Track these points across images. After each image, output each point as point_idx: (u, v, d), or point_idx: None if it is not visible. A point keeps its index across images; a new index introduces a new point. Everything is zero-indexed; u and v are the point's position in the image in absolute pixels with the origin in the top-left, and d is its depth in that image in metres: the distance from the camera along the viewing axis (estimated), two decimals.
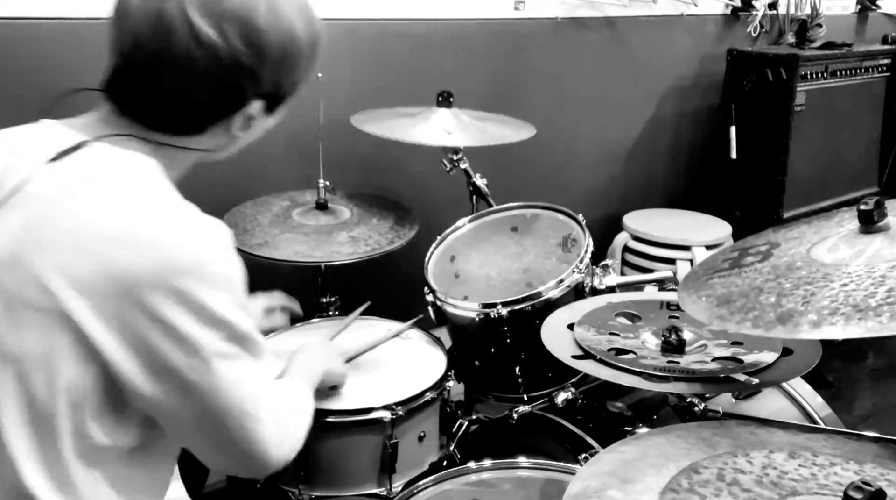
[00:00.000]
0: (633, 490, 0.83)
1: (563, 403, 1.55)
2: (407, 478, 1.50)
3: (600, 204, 3.06)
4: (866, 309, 0.82)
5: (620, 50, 2.95)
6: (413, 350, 1.72)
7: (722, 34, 3.26)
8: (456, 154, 2.01)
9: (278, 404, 0.99)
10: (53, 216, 0.85)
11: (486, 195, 2.02)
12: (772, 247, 1.07)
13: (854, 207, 0.99)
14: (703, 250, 2.69)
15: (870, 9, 3.84)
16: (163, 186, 0.92)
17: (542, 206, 1.88)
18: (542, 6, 2.67)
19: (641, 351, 1.27)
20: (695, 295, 1.03)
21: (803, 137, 2.97)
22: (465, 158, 2.02)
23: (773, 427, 0.99)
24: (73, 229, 0.84)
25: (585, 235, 1.73)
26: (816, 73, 2.99)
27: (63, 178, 0.88)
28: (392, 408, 1.46)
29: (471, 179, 2.03)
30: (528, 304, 1.59)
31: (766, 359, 1.19)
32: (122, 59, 0.93)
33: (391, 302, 1.93)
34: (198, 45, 0.88)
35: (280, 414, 0.99)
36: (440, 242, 1.86)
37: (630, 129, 3.14)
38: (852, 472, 0.87)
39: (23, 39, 1.79)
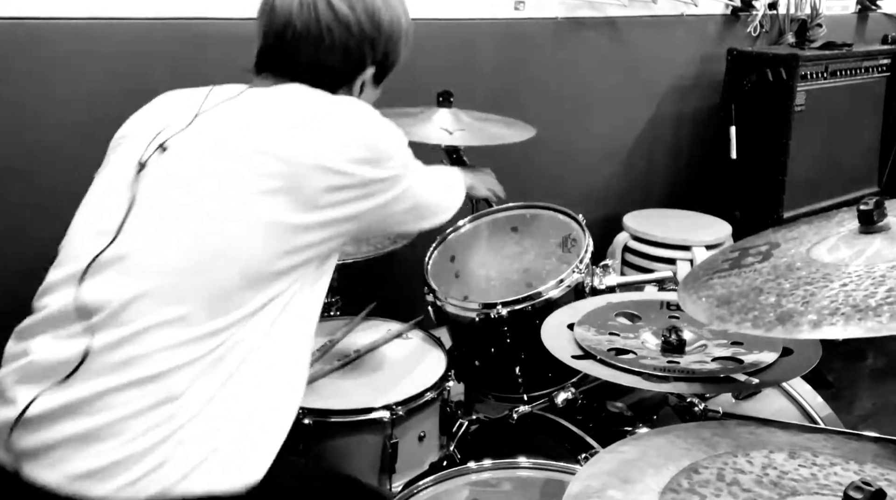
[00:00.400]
0: (633, 490, 0.83)
1: (563, 403, 1.55)
2: (407, 478, 1.50)
3: (600, 204, 3.06)
4: (866, 309, 0.82)
5: (620, 50, 2.95)
6: (413, 350, 1.72)
7: (722, 34, 3.26)
8: (456, 154, 2.01)
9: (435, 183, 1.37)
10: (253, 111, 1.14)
11: (486, 195, 2.02)
12: (772, 247, 1.07)
13: (854, 207, 0.99)
14: (703, 250, 2.69)
15: (870, 9, 3.84)
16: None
17: (542, 206, 1.88)
18: (542, 6, 2.67)
19: (641, 351, 1.27)
20: (695, 295, 1.03)
21: (803, 137, 2.97)
22: (466, 159, 2.02)
23: (773, 427, 0.99)
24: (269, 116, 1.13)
25: (585, 235, 1.73)
26: (816, 73, 2.99)
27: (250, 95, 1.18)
28: (392, 408, 1.47)
29: None
30: (528, 304, 1.59)
31: (766, 359, 1.19)
32: (272, 39, 1.21)
33: (391, 302, 1.93)
34: (336, 19, 1.19)
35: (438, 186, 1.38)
36: (440, 242, 1.86)
37: (630, 129, 3.14)
38: (852, 472, 0.87)
39: (23, 39, 1.79)
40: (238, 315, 1.05)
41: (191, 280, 1.04)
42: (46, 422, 1.00)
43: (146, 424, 1.00)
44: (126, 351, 1.01)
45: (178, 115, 1.16)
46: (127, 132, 1.23)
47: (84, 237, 1.12)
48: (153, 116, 1.22)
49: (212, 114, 1.15)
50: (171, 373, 1.01)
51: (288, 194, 1.07)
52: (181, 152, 1.12)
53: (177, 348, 1.02)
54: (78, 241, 1.13)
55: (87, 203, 1.18)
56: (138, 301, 1.02)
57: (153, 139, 1.14)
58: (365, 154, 1.12)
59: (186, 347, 1.02)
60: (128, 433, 0.99)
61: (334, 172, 1.09)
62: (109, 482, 0.98)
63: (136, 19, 1.90)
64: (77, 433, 0.99)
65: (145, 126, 1.19)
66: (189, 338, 1.03)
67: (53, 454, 0.99)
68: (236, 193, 1.06)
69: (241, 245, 1.05)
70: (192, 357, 1.02)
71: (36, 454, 1.00)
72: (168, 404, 1.01)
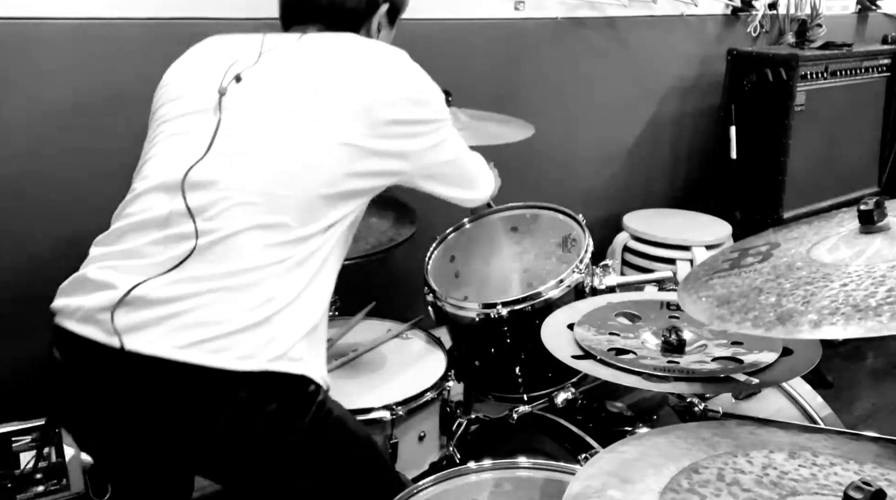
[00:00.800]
0: (633, 490, 0.83)
1: (563, 403, 1.55)
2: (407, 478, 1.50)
3: (600, 204, 3.06)
4: (866, 309, 0.82)
5: (620, 50, 2.95)
6: (413, 350, 1.72)
7: (722, 34, 3.26)
8: None
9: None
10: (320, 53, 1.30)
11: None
12: (772, 247, 1.07)
13: (854, 207, 0.99)
14: (703, 250, 2.69)
15: (870, 9, 3.84)
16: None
17: (542, 206, 1.88)
18: (542, 6, 2.67)
19: (641, 351, 1.26)
20: (695, 295, 1.03)
21: (803, 137, 2.97)
22: None
23: (773, 427, 0.99)
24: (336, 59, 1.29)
25: (585, 235, 1.73)
26: (816, 74, 2.99)
27: (311, 38, 1.32)
28: (392, 408, 1.47)
29: None
30: (528, 304, 1.59)
31: (766, 359, 1.19)
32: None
33: (391, 302, 1.93)
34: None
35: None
36: (440, 242, 1.86)
37: (630, 129, 3.14)
38: (852, 472, 0.86)
39: (23, 39, 1.79)
40: (316, 228, 1.20)
41: (282, 190, 1.17)
42: (149, 304, 1.11)
43: (244, 311, 1.12)
44: (225, 250, 1.14)
45: (244, 52, 1.30)
46: (177, 75, 1.36)
47: (173, 154, 1.23)
48: (214, 53, 1.35)
49: (278, 52, 1.29)
50: (265, 270, 1.14)
51: (356, 119, 1.22)
52: (258, 82, 1.26)
53: (270, 249, 1.15)
54: (165, 158, 1.24)
55: (163, 132, 1.28)
56: (235, 207, 1.15)
57: (227, 71, 1.27)
58: (412, 95, 1.29)
59: (277, 249, 1.16)
60: (228, 317, 1.11)
61: (390, 105, 1.25)
62: (215, 355, 1.09)
63: (137, 19, 1.90)
64: (180, 311, 1.10)
65: (210, 61, 1.33)
66: (280, 241, 1.17)
67: (158, 328, 1.10)
68: (316, 116, 1.21)
69: (321, 162, 1.20)
70: (282, 258, 1.16)
71: (141, 328, 1.10)
72: (262, 299, 1.14)
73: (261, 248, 1.15)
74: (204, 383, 1.10)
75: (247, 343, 1.11)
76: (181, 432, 1.14)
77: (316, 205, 1.20)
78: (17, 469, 1.64)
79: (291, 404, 1.17)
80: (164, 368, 1.09)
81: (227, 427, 1.13)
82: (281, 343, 1.14)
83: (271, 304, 1.14)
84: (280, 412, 1.15)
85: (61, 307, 1.18)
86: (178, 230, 1.15)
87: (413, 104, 1.29)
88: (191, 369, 1.09)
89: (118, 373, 1.11)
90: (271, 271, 1.15)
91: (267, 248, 1.16)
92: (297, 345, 1.16)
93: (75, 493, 1.67)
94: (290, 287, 1.17)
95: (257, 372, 1.11)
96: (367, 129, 1.23)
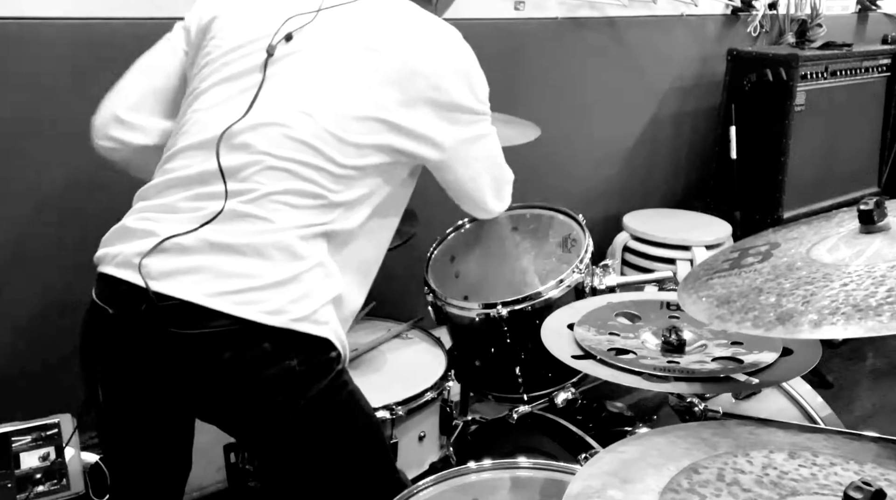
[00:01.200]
0: (633, 490, 0.83)
1: (563, 403, 1.55)
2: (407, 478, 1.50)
3: (600, 204, 3.06)
4: (866, 309, 0.82)
5: (620, 50, 2.95)
6: (413, 350, 1.72)
7: (722, 34, 3.26)
8: None
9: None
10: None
11: None
12: (772, 247, 1.07)
13: (854, 207, 0.99)
14: (703, 249, 2.69)
15: (870, 9, 3.84)
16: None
17: (541, 206, 1.88)
18: (542, 6, 2.67)
19: (641, 351, 1.26)
20: (695, 295, 1.03)
21: (803, 137, 2.97)
22: None
23: (773, 427, 0.99)
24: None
25: (585, 235, 1.73)
26: (816, 74, 2.99)
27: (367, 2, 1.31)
28: (392, 408, 1.47)
29: None
30: (528, 304, 1.59)
31: (766, 359, 1.19)
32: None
33: (391, 302, 1.93)
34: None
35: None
36: (440, 242, 1.86)
37: (630, 129, 3.14)
38: (852, 472, 0.86)
39: (23, 39, 1.79)
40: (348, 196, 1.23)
41: (314, 159, 1.19)
42: (183, 251, 1.15)
43: (274, 268, 1.15)
44: (257, 209, 1.16)
45: (301, 9, 1.29)
46: (231, 17, 1.34)
47: (213, 111, 1.25)
48: (268, 5, 1.33)
49: (334, 12, 1.29)
50: (295, 232, 1.17)
51: (394, 88, 1.23)
52: (308, 43, 1.26)
53: (300, 212, 1.18)
54: (207, 113, 1.26)
55: (207, 81, 1.29)
56: (267, 170, 1.18)
57: (281, 27, 1.27)
58: (460, 79, 1.29)
59: (308, 212, 1.19)
60: (259, 272, 1.14)
61: (433, 86, 1.25)
62: (243, 306, 1.13)
63: (138, 19, 1.90)
64: (211, 263, 1.14)
65: (268, 9, 1.31)
66: (311, 205, 1.19)
67: (190, 276, 1.14)
68: (357, 80, 1.23)
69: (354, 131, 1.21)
70: (311, 222, 1.19)
71: (174, 275, 1.14)
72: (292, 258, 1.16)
73: (291, 210, 1.18)
74: (230, 329, 1.13)
75: (275, 299, 1.14)
76: (202, 372, 1.17)
77: (349, 174, 1.22)
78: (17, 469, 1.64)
79: (311, 364, 1.19)
80: (193, 311, 1.12)
81: (247, 372, 1.15)
82: (308, 304, 1.17)
83: (300, 263, 1.17)
84: (299, 370, 1.17)
85: (102, 255, 1.22)
86: (211, 189, 1.19)
87: (458, 88, 1.29)
88: (218, 315, 1.12)
89: (150, 314, 1.14)
90: (302, 232, 1.18)
91: (297, 210, 1.18)
92: (323, 308, 1.19)
93: (75, 493, 1.67)
94: (319, 251, 1.20)
95: (282, 329, 1.14)
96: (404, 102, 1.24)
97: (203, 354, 1.15)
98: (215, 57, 1.31)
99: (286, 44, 1.26)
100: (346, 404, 1.26)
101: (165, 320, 1.14)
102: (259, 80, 1.24)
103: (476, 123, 1.36)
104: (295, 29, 1.27)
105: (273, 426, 1.20)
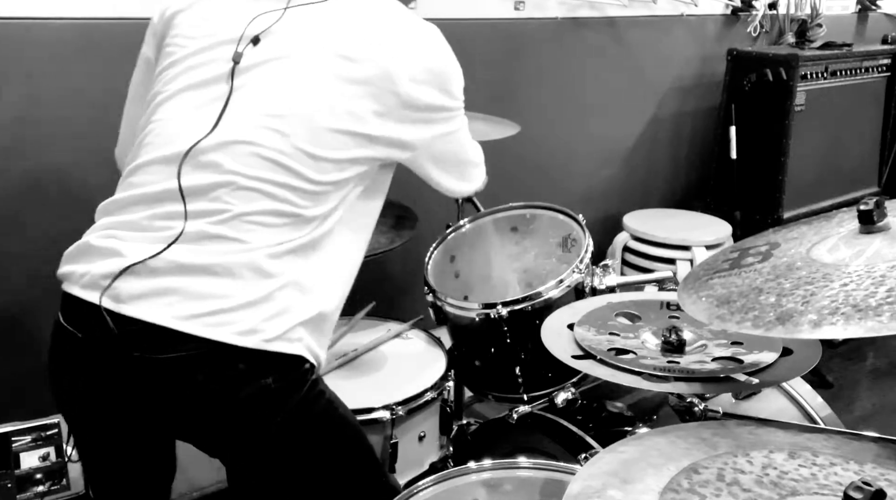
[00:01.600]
0: (633, 490, 0.83)
1: (563, 403, 1.55)
2: (407, 478, 1.50)
3: (600, 204, 3.06)
4: (866, 309, 0.82)
5: (620, 50, 2.95)
6: (413, 350, 1.72)
7: (722, 34, 3.26)
8: None
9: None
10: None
11: (473, 199, 2.00)
12: (772, 247, 1.07)
13: (854, 207, 0.99)
14: (703, 249, 2.69)
15: (870, 9, 3.84)
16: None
17: (542, 206, 1.88)
18: (542, 6, 2.67)
19: (641, 351, 1.26)
20: (695, 295, 1.03)
21: (803, 137, 2.97)
22: None
23: (773, 427, 0.99)
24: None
25: (585, 235, 1.73)
26: (816, 74, 2.99)
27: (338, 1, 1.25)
28: (392, 408, 1.47)
29: None
30: (528, 304, 1.59)
31: (766, 359, 1.19)
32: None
33: (391, 302, 1.93)
34: None
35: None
36: (440, 242, 1.86)
37: (630, 129, 3.14)
38: (852, 472, 0.86)
39: (23, 39, 1.79)
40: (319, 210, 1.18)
41: (283, 177, 1.15)
42: (153, 273, 1.11)
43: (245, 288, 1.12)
44: (228, 229, 1.13)
45: (267, 6, 1.23)
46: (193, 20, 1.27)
47: (178, 125, 1.19)
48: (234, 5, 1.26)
49: (303, 12, 1.23)
50: (266, 250, 1.14)
51: (369, 99, 1.18)
52: (277, 49, 1.20)
53: (271, 230, 1.15)
54: (170, 125, 1.20)
55: (169, 90, 1.23)
56: (237, 191, 1.14)
57: (246, 28, 1.21)
58: (436, 79, 1.25)
59: (278, 230, 1.15)
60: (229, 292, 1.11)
61: (407, 92, 1.21)
62: (214, 329, 1.09)
63: (138, 19, 1.90)
64: (181, 285, 1.11)
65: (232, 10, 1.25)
66: (281, 223, 1.15)
67: (160, 299, 1.10)
68: (330, 90, 1.17)
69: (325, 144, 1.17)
70: (281, 240, 1.15)
71: (144, 297, 1.11)
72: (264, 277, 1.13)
73: (264, 229, 1.14)
74: (202, 352, 1.10)
75: (247, 319, 1.11)
76: (175, 396, 1.14)
77: (324, 190, 1.19)
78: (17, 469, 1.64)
79: (286, 381, 1.17)
80: (164, 335, 1.09)
81: (222, 394, 1.13)
82: (281, 322, 1.14)
83: (272, 280, 1.14)
84: (275, 387, 1.15)
85: (68, 273, 1.18)
86: (176, 208, 1.14)
87: (435, 86, 1.25)
88: (190, 339, 1.09)
89: (119, 339, 1.11)
90: (273, 250, 1.14)
91: (270, 229, 1.15)
92: (297, 327, 1.16)
93: (75, 493, 1.67)
94: (291, 267, 1.16)
95: (255, 350, 1.11)
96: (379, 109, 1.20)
97: (176, 377, 1.12)
98: (179, 58, 1.25)
99: (253, 48, 1.20)
100: (325, 413, 1.24)
101: (136, 344, 1.11)
102: (226, 92, 1.18)
103: (449, 120, 1.32)
104: (262, 31, 1.20)
105: (254, 444, 1.18)
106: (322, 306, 1.21)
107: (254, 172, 1.14)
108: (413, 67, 1.22)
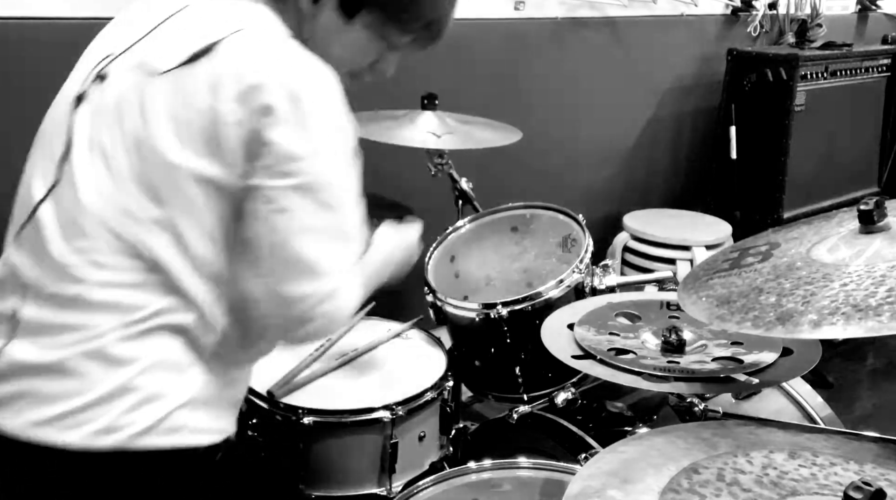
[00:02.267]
0: (633, 490, 0.83)
1: (563, 403, 1.55)
2: (407, 478, 1.50)
3: (600, 204, 3.06)
4: (866, 309, 0.82)
5: (620, 50, 2.95)
6: (413, 350, 1.72)
7: (722, 34, 3.26)
8: (440, 157, 1.98)
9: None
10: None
11: (472, 200, 1.99)
12: (772, 247, 1.08)
13: (854, 207, 0.99)
14: (703, 250, 2.69)
15: (870, 9, 3.84)
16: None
17: (542, 206, 1.88)
18: (542, 6, 2.67)
19: (641, 351, 1.26)
20: (695, 295, 1.03)
21: (803, 137, 2.97)
22: (451, 162, 1.98)
23: (773, 427, 0.99)
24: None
25: (585, 235, 1.73)
26: (816, 74, 2.99)
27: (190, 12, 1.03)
28: (392, 408, 1.46)
29: (456, 183, 2.00)
30: (528, 304, 1.59)
31: (766, 359, 1.19)
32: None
33: (391, 302, 1.92)
34: None
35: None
36: (440, 242, 1.86)
37: (630, 129, 3.14)
38: (852, 472, 0.87)
39: (23, 39, 1.79)
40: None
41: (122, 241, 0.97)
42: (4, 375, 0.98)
43: (101, 378, 0.95)
44: (67, 316, 0.96)
45: (127, 34, 1.06)
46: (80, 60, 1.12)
47: (22, 196, 1.06)
48: (114, 27, 1.13)
49: (156, 34, 1.03)
50: (122, 330, 0.96)
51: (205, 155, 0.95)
52: (115, 83, 1.01)
53: (124, 310, 0.96)
54: (19, 199, 1.07)
55: (34, 144, 1.09)
56: (72, 267, 0.96)
57: (96, 66, 1.04)
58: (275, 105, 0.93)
59: (131, 311, 0.96)
60: (83, 387, 0.95)
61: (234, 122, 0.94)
62: (72, 431, 0.94)
63: None
64: (31, 388, 0.96)
65: (97, 47, 1.10)
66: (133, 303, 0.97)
67: (13, 403, 0.96)
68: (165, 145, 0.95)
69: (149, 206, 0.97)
70: (136, 318, 0.96)
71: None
72: (122, 362, 0.96)
73: (109, 311, 0.96)
74: (61, 463, 0.95)
75: (108, 414, 0.94)
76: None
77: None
78: None
79: (172, 481, 0.99)
80: (18, 447, 0.95)
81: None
82: (153, 409, 0.96)
83: (133, 366, 0.96)
84: (158, 494, 0.99)
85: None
86: (9, 303, 1.00)
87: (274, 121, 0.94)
88: (45, 448, 0.94)
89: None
90: (125, 332, 0.96)
91: (118, 310, 0.96)
92: (176, 412, 0.98)
93: None
94: (152, 347, 0.97)
95: (117, 451, 0.94)
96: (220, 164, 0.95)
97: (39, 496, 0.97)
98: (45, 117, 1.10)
99: (100, 85, 1.02)
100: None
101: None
102: (63, 147, 1.02)
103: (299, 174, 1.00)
104: (109, 64, 1.03)
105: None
106: (210, 383, 1.02)
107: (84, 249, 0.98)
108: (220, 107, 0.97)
